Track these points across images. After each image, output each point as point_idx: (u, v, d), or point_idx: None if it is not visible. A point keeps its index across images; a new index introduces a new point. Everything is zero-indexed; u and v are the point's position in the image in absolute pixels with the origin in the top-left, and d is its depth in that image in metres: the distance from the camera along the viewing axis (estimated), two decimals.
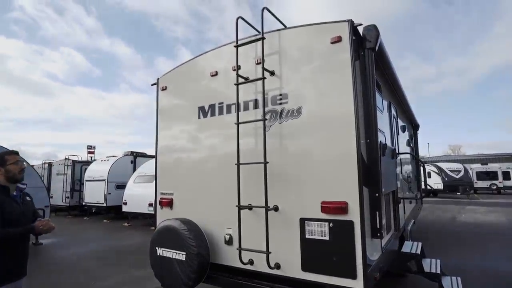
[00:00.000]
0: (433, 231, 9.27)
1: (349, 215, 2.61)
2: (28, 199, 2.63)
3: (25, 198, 2.59)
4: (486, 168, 27.73)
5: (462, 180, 23.22)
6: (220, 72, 3.62)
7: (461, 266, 5.60)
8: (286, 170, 3.00)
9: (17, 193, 2.49)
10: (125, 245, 8.51)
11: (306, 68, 3.01)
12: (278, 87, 3.13)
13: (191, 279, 3.13)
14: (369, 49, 2.91)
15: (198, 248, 3.17)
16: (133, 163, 14.77)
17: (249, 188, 3.11)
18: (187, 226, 3.32)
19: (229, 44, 3.54)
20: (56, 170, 16.53)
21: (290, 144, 3.01)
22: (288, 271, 2.88)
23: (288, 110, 3.04)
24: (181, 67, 4.05)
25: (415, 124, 8.17)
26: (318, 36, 2.95)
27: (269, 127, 3.10)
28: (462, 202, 19.22)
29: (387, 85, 4.39)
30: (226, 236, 3.32)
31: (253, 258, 3.08)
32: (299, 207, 2.88)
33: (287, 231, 2.91)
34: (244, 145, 3.19)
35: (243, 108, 3.31)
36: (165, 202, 3.93)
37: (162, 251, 3.37)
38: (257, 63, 3.26)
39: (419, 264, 4.09)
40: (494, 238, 8.41)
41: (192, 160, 3.79)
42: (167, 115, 4.17)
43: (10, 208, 2.31)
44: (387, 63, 3.74)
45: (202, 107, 3.73)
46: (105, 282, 5.43)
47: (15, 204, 2.39)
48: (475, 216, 12.75)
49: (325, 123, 2.83)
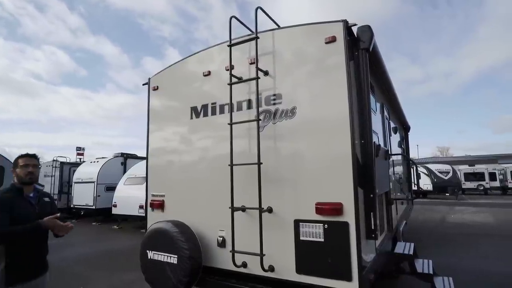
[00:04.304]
0: (424, 232, 9.37)
1: (344, 216, 2.59)
2: (47, 200, 2.64)
3: (42, 199, 2.59)
4: (474, 169, 28.31)
5: (451, 181, 23.62)
6: (213, 72, 3.57)
7: (452, 266, 5.65)
8: (280, 171, 2.96)
9: (34, 194, 2.52)
10: (115, 248, 8.34)
11: (300, 68, 2.98)
12: (272, 87, 3.10)
13: (183, 283, 3.06)
14: (363, 50, 2.90)
15: (190, 251, 3.11)
16: (123, 164, 14.53)
17: (243, 189, 3.06)
18: (179, 228, 3.25)
19: (222, 44, 3.49)
20: (44, 171, 16.16)
21: (284, 145, 2.98)
22: (282, 274, 2.84)
23: (282, 111, 3.01)
24: (173, 66, 3.99)
25: (406, 126, 8.25)
26: (313, 36, 2.93)
27: (262, 128, 3.06)
28: (451, 202, 19.53)
29: (379, 86, 4.41)
30: (219, 238, 3.27)
31: (247, 261, 3.03)
32: (293, 209, 2.84)
33: (281, 233, 2.87)
34: (238, 146, 3.14)
35: (237, 108, 3.27)
36: (156, 204, 3.84)
37: (153, 254, 3.29)
38: (251, 63, 3.22)
39: (412, 265, 4.10)
40: (483, 238, 8.54)
41: (184, 161, 3.72)
42: (158, 115, 4.09)
43: (20, 208, 2.33)
44: (380, 64, 3.75)
45: (195, 107, 3.67)
46: (95, 286, 5.30)
47: (27, 205, 2.41)
48: (464, 217, 12.95)
49: (319, 123, 2.80)
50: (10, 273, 2.21)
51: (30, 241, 2.33)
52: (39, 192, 2.59)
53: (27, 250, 2.32)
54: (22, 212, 2.32)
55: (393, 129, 5.60)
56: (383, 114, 4.54)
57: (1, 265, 2.20)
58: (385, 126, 4.60)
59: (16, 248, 2.25)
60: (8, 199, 2.32)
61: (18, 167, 2.47)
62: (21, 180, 2.46)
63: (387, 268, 4.00)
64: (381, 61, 3.71)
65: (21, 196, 2.42)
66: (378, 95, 4.26)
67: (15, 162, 2.50)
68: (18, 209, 2.31)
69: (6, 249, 2.22)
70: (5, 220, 2.19)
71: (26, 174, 2.46)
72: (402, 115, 7.06)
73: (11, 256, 2.23)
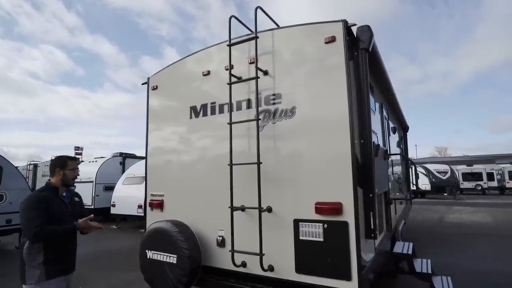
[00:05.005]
0: (422, 232, 9.39)
1: (343, 215, 2.59)
2: (77, 200, 2.79)
3: (73, 199, 2.75)
4: (471, 169, 28.39)
5: (449, 181, 23.69)
6: (212, 71, 3.57)
7: (450, 266, 5.66)
8: (280, 171, 2.96)
9: (66, 194, 2.65)
10: (113, 248, 8.32)
11: (299, 68, 2.98)
12: (272, 87, 3.10)
13: (182, 283, 3.05)
14: (363, 50, 2.90)
15: (190, 250, 3.10)
16: (122, 164, 14.49)
17: (242, 189, 3.06)
18: (178, 228, 3.25)
19: (222, 43, 3.49)
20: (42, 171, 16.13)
21: (284, 145, 2.98)
22: (281, 273, 2.84)
23: (281, 110, 3.01)
24: (173, 66, 3.98)
25: (405, 126, 8.27)
26: (312, 36, 2.93)
27: (262, 128, 3.06)
28: (449, 202, 19.58)
29: (379, 86, 4.41)
30: (218, 238, 3.27)
31: (246, 260, 3.03)
32: (293, 208, 2.85)
33: (280, 233, 2.87)
34: (237, 146, 3.14)
35: (236, 108, 3.27)
36: (156, 204, 3.84)
37: (152, 254, 3.29)
38: (250, 63, 3.22)
39: (410, 265, 4.11)
40: (481, 238, 8.57)
41: (183, 161, 3.72)
42: (158, 115, 4.09)
43: (56, 208, 2.47)
44: (380, 64, 3.76)
45: (194, 107, 3.66)
46: (94, 286, 5.29)
47: (62, 204, 2.55)
48: (462, 217, 12.99)
49: (319, 123, 2.81)
50: (48, 267, 2.39)
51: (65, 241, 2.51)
52: (71, 192, 2.73)
53: (62, 246, 2.50)
54: (57, 211, 2.46)
55: (392, 129, 5.61)
56: (382, 114, 4.55)
57: (40, 260, 2.37)
58: (384, 126, 4.61)
59: (53, 244, 2.42)
60: (45, 198, 2.45)
61: (68, 169, 2.61)
62: (67, 181, 2.61)
63: (386, 268, 4.01)
64: (381, 61, 3.71)
65: (56, 196, 2.55)
66: (377, 95, 4.27)
67: (63, 162, 2.61)
68: (53, 208, 2.44)
69: (44, 244, 2.38)
70: (44, 218, 2.33)
71: (74, 177, 2.66)
72: (401, 115, 7.07)
73: (49, 251, 2.40)
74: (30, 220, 2.31)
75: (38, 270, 2.36)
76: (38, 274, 2.36)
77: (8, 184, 8.05)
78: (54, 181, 2.59)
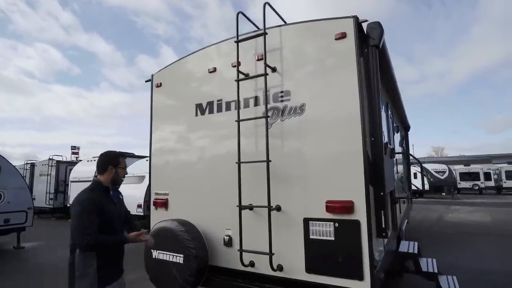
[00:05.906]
0: (421, 231, 9.40)
1: (355, 214, 2.56)
2: (121, 197, 2.62)
3: (118, 197, 2.57)
4: (469, 169, 28.52)
5: (447, 181, 23.77)
6: (218, 68, 3.52)
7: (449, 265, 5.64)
8: (289, 169, 2.92)
9: (114, 193, 2.48)
10: None
11: (309, 64, 2.94)
12: (280, 84, 3.06)
13: (189, 283, 3.01)
14: (373, 47, 2.87)
15: (197, 250, 3.05)
16: None
17: (250, 187, 3.02)
18: (185, 227, 3.20)
19: (229, 40, 3.44)
20: (39, 170, 15.95)
21: (293, 142, 2.94)
22: (291, 273, 2.80)
23: (290, 108, 2.97)
24: (177, 63, 3.93)
25: (407, 125, 8.26)
26: (322, 32, 2.89)
27: (270, 125, 3.02)
28: (447, 202, 19.66)
29: (385, 84, 4.38)
30: (226, 237, 3.22)
31: (254, 260, 2.98)
32: (303, 207, 2.81)
33: (290, 232, 2.83)
34: (244, 144, 3.09)
35: (243, 105, 3.22)
36: (160, 203, 3.78)
37: (158, 253, 3.23)
38: (258, 59, 3.18)
39: (416, 264, 4.09)
40: (480, 237, 8.59)
41: (189, 159, 3.66)
42: (162, 113, 4.03)
43: (108, 208, 2.30)
44: (387, 62, 3.73)
45: (200, 104, 3.61)
46: None
47: (112, 205, 2.38)
48: (460, 216, 13.04)
49: (329, 120, 2.77)
50: (102, 273, 2.22)
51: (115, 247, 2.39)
52: (117, 190, 2.56)
53: (114, 252, 2.35)
54: (109, 213, 2.29)
55: (395, 128, 5.59)
56: (387, 113, 4.53)
57: (94, 267, 2.19)
58: (389, 125, 4.58)
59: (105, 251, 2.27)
60: (98, 200, 2.25)
61: (120, 167, 2.43)
62: (118, 180, 2.44)
63: (392, 267, 3.98)
64: (389, 59, 3.69)
65: (107, 196, 2.38)
66: (383, 93, 4.24)
67: (116, 160, 2.42)
68: (107, 209, 2.27)
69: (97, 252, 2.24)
70: (96, 224, 2.15)
71: (124, 175, 2.50)
72: (403, 114, 7.06)
73: (102, 258, 2.22)
74: (83, 227, 2.11)
75: (93, 278, 2.18)
76: (92, 282, 2.17)
77: (6, 183, 7.93)
78: (103, 180, 2.38)
